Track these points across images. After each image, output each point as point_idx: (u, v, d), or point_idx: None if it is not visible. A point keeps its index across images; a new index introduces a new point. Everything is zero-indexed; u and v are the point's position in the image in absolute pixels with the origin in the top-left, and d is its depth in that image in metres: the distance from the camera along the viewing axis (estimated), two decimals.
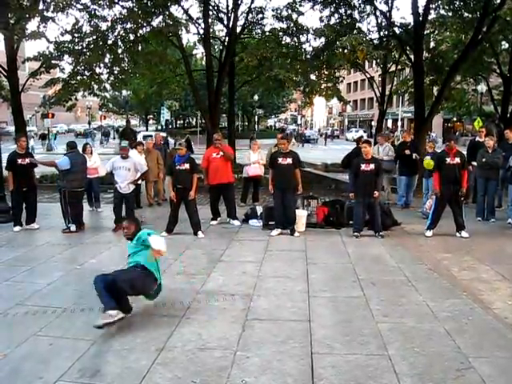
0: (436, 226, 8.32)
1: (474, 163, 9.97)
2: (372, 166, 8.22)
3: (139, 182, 9.54)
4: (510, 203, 9.17)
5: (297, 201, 8.82)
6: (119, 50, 15.51)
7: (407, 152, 10.71)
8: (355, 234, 8.23)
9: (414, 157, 10.70)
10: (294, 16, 16.72)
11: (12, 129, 28.95)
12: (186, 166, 8.19)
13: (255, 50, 15.30)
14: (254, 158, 10.88)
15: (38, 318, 4.66)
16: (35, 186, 9.12)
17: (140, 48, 15.89)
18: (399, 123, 51.88)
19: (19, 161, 8.63)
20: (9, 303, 5.04)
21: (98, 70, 15.86)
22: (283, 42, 16.86)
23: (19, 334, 4.26)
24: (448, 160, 8.23)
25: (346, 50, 12.74)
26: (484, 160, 9.42)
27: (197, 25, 16.91)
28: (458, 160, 8.22)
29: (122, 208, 8.77)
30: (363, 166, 8.27)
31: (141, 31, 15.05)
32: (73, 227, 8.57)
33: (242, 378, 3.57)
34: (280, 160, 8.35)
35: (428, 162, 9.52)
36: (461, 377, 3.58)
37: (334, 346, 4.08)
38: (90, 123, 53.36)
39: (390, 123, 56.74)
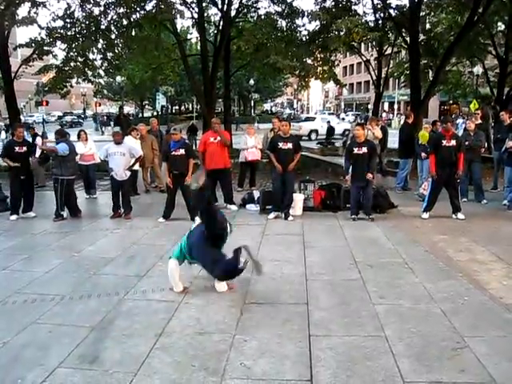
0: (432, 207, 8.35)
1: None
2: (364, 149, 8.21)
3: (136, 167, 9.51)
4: (506, 185, 9.19)
5: (293, 184, 8.81)
6: (112, 36, 15.36)
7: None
8: (352, 216, 8.27)
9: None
10: None
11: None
12: (182, 151, 8.16)
13: (251, 36, 15.16)
14: (250, 143, 10.86)
15: (37, 306, 4.68)
16: (32, 174, 9.09)
17: (134, 33, 15.73)
18: (395, 106, 51.79)
19: (16, 149, 8.62)
20: (7, 291, 5.05)
21: (91, 56, 15.74)
22: (278, 26, 16.71)
23: (18, 322, 4.28)
24: (444, 142, 8.22)
25: (341, 33, 12.64)
26: (467, 143, 9.40)
27: (191, 9, 16.72)
28: (453, 142, 8.21)
29: (119, 195, 8.75)
30: (356, 150, 8.27)
31: (134, 16, 14.88)
32: (65, 214, 8.63)
33: (240, 361, 3.60)
34: (281, 144, 8.34)
35: (423, 134, 9.61)
36: (456, 356, 3.62)
37: (332, 328, 4.12)
38: (85, 110, 53.05)
39: (386, 106, 56.59)
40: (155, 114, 46.39)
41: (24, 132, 9.16)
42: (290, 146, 8.33)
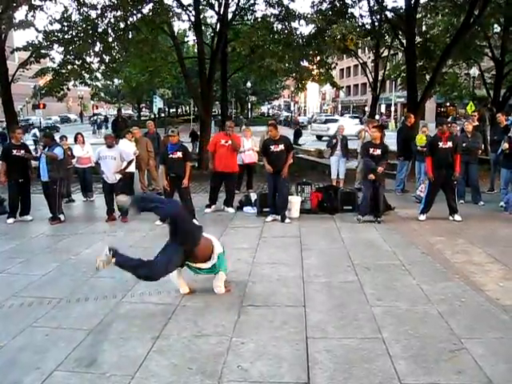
0: (429, 209, 8.37)
1: None
2: (379, 151, 8.23)
3: (132, 169, 9.50)
4: (502, 187, 9.22)
5: (289, 187, 8.82)
6: (109, 39, 15.35)
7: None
8: (359, 217, 8.25)
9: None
10: (286, 1, 16.60)
11: None
12: (179, 154, 8.17)
13: (247, 38, 15.17)
14: (247, 145, 10.86)
15: (34, 309, 4.67)
16: (29, 177, 9.06)
17: (131, 36, 15.72)
18: (392, 108, 51.88)
19: (14, 151, 8.59)
20: (4, 295, 5.04)
21: (88, 59, 15.73)
22: (275, 29, 16.74)
23: (15, 326, 4.27)
24: (440, 144, 8.24)
25: (336, 38, 12.66)
26: (464, 145, 9.42)
27: (188, 12, 16.72)
28: (450, 144, 8.22)
29: (113, 198, 8.74)
30: (371, 151, 8.29)
31: (131, 19, 14.88)
32: (62, 217, 8.69)
33: (237, 363, 3.60)
34: (272, 147, 8.36)
35: (420, 137, 9.69)
36: (454, 358, 3.62)
37: (329, 331, 4.12)
38: (81, 113, 53.01)
39: (383, 108, 56.69)
40: (152, 116, 46.41)
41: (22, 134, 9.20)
42: (281, 147, 8.33)
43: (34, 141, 22.56)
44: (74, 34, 14.75)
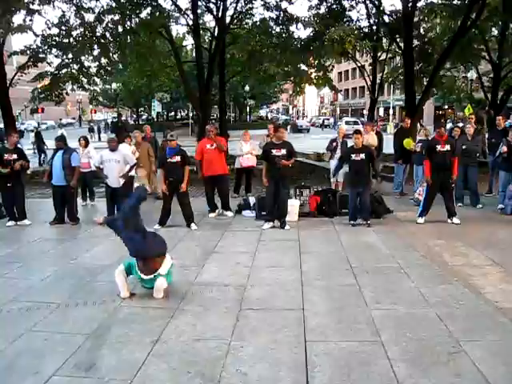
0: (428, 212, 8.37)
1: None
2: (362, 156, 8.23)
3: (132, 173, 9.50)
4: (501, 189, 9.23)
5: (289, 192, 8.79)
6: (107, 42, 15.39)
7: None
8: (351, 222, 8.26)
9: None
10: (284, 5, 16.68)
11: None
12: (178, 158, 8.16)
13: (245, 44, 15.24)
14: (246, 149, 10.86)
15: (33, 314, 4.66)
16: (22, 182, 8.95)
17: (128, 40, 15.77)
18: (391, 111, 51.92)
19: (5, 156, 8.59)
20: (2, 299, 5.02)
21: (86, 64, 15.79)
22: (273, 32, 16.80)
23: (14, 330, 4.26)
24: (439, 147, 8.24)
25: (334, 41, 12.70)
26: (464, 147, 9.42)
27: (186, 16, 16.78)
28: (448, 147, 8.23)
29: (114, 203, 8.71)
30: (353, 156, 8.28)
31: (129, 23, 14.93)
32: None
33: (236, 367, 3.60)
34: (274, 151, 8.23)
35: (408, 141, 9.70)
36: (452, 360, 3.63)
37: (328, 334, 4.12)
38: (80, 117, 53.04)
39: (381, 111, 56.75)
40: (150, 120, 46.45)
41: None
42: (283, 152, 8.15)
43: None
44: (71, 38, 14.79)
